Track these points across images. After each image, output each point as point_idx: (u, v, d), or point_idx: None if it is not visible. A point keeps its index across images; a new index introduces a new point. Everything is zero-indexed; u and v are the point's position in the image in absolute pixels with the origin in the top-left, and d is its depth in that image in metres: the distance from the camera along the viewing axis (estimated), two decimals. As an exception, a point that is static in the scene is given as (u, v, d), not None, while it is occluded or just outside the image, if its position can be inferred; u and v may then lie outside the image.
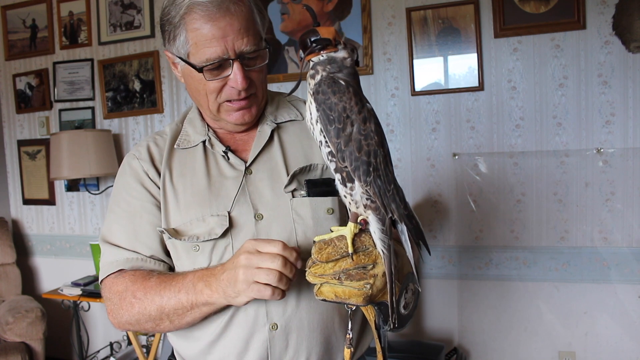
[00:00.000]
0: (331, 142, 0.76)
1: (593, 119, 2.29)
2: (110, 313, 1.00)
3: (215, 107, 0.99)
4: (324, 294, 0.80)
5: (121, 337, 3.19)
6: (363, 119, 0.76)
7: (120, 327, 1.00)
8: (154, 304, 0.93)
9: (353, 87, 0.77)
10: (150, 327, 0.96)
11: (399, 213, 0.75)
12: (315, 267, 0.81)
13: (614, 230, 2.30)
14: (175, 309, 0.92)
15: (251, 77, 0.96)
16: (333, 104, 0.76)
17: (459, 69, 2.46)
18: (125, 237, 1.01)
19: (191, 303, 0.90)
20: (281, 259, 0.81)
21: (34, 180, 3.41)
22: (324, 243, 0.80)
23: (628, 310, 2.31)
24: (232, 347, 0.98)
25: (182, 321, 0.94)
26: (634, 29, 2.08)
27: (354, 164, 0.75)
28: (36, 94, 3.34)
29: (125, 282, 0.97)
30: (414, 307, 0.85)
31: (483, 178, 2.47)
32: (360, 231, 0.81)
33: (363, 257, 0.79)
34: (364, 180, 0.75)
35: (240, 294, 0.84)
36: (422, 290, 2.62)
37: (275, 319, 0.96)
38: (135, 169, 1.05)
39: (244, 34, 0.93)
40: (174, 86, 3.00)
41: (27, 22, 3.32)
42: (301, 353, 0.98)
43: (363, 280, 0.78)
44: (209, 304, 0.90)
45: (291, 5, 2.68)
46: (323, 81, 0.77)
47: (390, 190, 0.76)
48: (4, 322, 2.80)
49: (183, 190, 1.01)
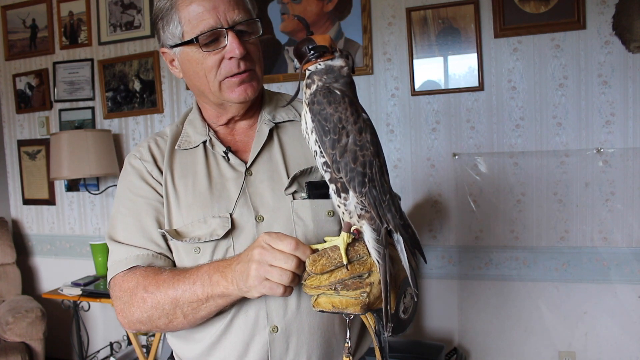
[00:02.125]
0: (326, 153, 0.76)
1: (593, 119, 2.29)
2: (120, 313, 0.97)
3: (217, 86, 0.98)
4: (322, 305, 0.80)
5: (121, 337, 3.19)
6: (359, 130, 0.75)
7: (130, 327, 0.97)
8: (167, 297, 0.91)
9: (349, 97, 0.76)
10: (162, 323, 0.94)
11: (394, 223, 0.75)
12: (310, 279, 0.80)
13: (614, 230, 2.30)
14: (190, 302, 0.90)
15: (248, 50, 0.97)
16: (329, 115, 0.75)
17: (459, 69, 2.46)
18: (133, 234, 1.00)
19: (207, 295, 0.88)
20: (295, 259, 0.80)
21: (34, 180, 3.41)
22: (317, 255, 0.79)
23: (628, 310, 2.31)
24: (232, 349, 0.98)
25: (196, 315, 0.92)
26: (634, 29, 2.08)
27: (349, 174, 0.74)
28: (36, 94, 3.34)
29: (136, 278, 0.95)
30: (413, 311, 0.85)
31: (483, 178, 2.47)
32: (353, 240, 0.80)
33: (358, 266, 0.79)
34: (359, 191, 0.75)
35: (252, 289, 0.83)
36: (423, 291, 2.62)
37: (275, 322, 0.96)
38: (138, 168, 1.05)
39: (235, 6, 0.95)
40: (174, 86, 3.00)
41: (27, 22, 3.32)
42: (301, 356, 0.97)
43: (359, 289, 0.78)
44: (225, 296, 0.88)
45: (291, 5, 2.68)
46: (319, 91, 0.77)
47: (385, 201, 0.75)
48: (4, 322, 2.80)
49: (184, 191, 1.01)
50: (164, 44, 1.02)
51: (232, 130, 1.09)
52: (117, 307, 0.98)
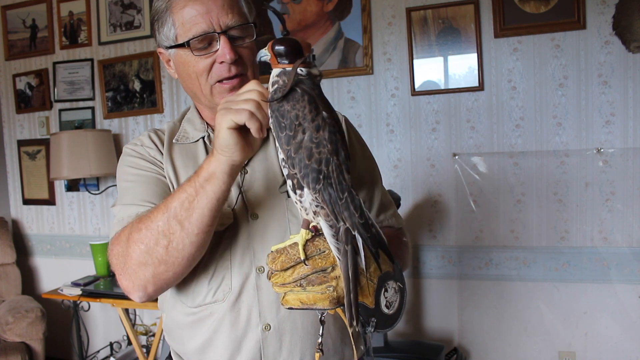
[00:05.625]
0: (282, 149, 0.76)
1: (593, 119, 2.29)
2: (120, 274, 0.90)
3: (209, 90, 0.99)
4: (290, 302, 0.80)
5: (121, 337, 3.19)
6: (316, 127, 0.75)
7: (133, 285, 0.90)
8: (159, 212, 0.87)
9: (309, 96, 0.76)
10: (162, 248, 0.86)
11: (352, 222, 0.74)
12: (275, 276, 0.80)
13: (614, 230, 2.30)
14: (181, 203, 0.85)
15: (240, 54, 0.97)
16: (285, 111, 0.76)
17: (459, 69, 2.46)
18: (142, 197, 0.98)
19: (195, 187, 0.85)
20: (256, 91, 0.80)
21: (34, 180, 3.41)
22: (277, 252, 0.80)
23: (628, 310, 2.31)
24: (224, 347, 0.98)
25: (191, 219, 0.85)
26: (634, 29, 2.08)
27: (303, 171, 0.75)
28: (36, 94, 3.34)
29: (131, 223, 0.91)
30: (400, 305, 0.85)
31: (483, 178, 2.47)
32: (314, 236, 0.80)
33: (319, 260, 0.79)
34: (312, 188, 0.75)
35: (220, 125, 0.80)
36: (423, 291, 2.62)
37: (268, 320, 0.96)
38: (140, 152, 1.05)
39: (228, 10, 0.95)
40: (174, 86, 3.00)
41: (27, 22, 3.32)
42: (295, 354, 0.97)
43: (325, 284, 0.78)
44: (210, 177, 0.84)
45: (291, 6, 2.68)
46: (279, 89, 0.77)
47: (343, 199, 0.74)
48: (4, 322, 2.80)
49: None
50: (160, 45, 1.03)
51: None
52: (117, 269, 0.91)
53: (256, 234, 0.97)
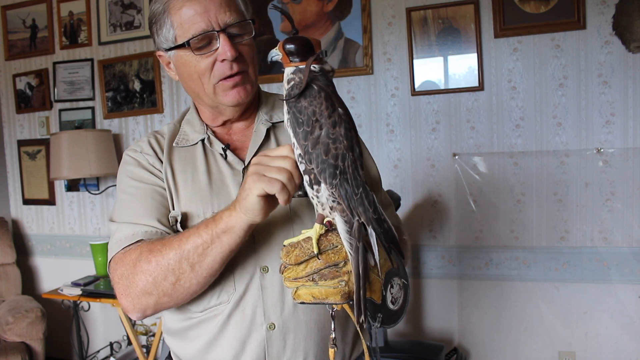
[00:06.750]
0: (299, 144, 0.78)
1: (593, 119, 2.29)
2: (122, 293, 0.92)
3: (211, 89, 0.99)
4: (302, 297, 0.81)
5: (121, 337, 3.19)
6: (333, 123, 0.76)
7: (135, 306, 0.92)
8: (172, 251, 0.88)
9: (325, 92, 0.78)
10: (169, 284, 0.89)
11: (366, 217, 0.75)
12: (288, 271, 0.81)
13: (614, 230, 2.30)
14: (196, 247, 0.87)
15: (240, 52, 0.98)
16: (303, 107, 0.77)
17: (459, 69, 2.46)
18: (139, 215, 0.98)
19: (211, 235, 0.86)
20: (291, 160, 0.81)
21: (34, 180, 3.41)
22: (291, 246, 0.80)
23: (628, 310, 2.31)
24: (229, 347, 0.97)
25: (203, 263, 0.87)
26: (634, 29, 2.08)
27: (321, 166, 0.76)
28: (36, 94, 3.34)
29: (139, 249, 0.92)
30: (404, 302, 0.86)
31: (483, 178, 2.47)
32: (327, 231, 0.81)
33: (332, 255, 0.79)
34: (329, 183, 0.76)
35: (251, 190, 0.81)
36: (423, 291, 2.62)
37: (272, 319, 0.96)
38: (139, 160, 1.05)
39: (226, 8, 0.96)
40: (174, 86, 3.00)
41: (27, 22, 3.32)
42: (299, 353, 0.98)
43: (337, 278, 0.79)
44: (229, 229, 0.86)
45: (291, 6, 2.68)
46: (296, 85, 0.78)
47: (358, 194, 0.75)
48: (4, 322, 2.81)
49: (184, 186, 1.01)
50: (159, 48, 1.03)
51: (229, 130, 1.09)
52: (119, 288, 0.93)
53: (259, 234, 0.97)
